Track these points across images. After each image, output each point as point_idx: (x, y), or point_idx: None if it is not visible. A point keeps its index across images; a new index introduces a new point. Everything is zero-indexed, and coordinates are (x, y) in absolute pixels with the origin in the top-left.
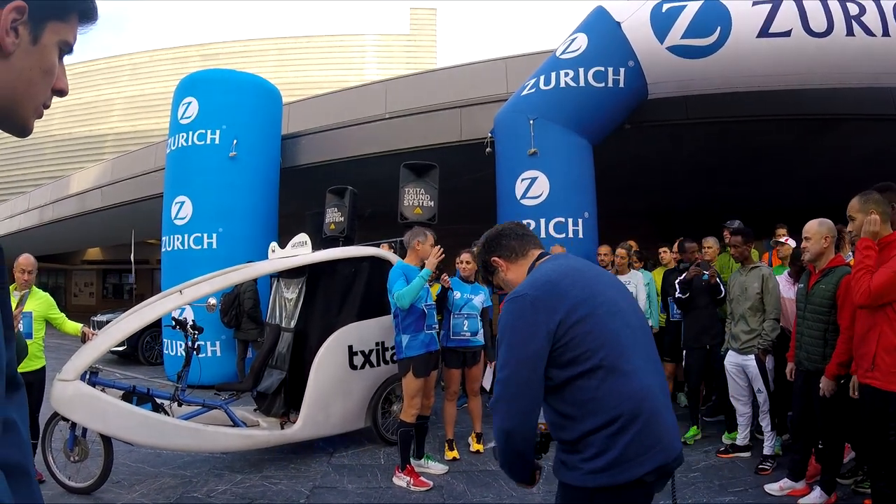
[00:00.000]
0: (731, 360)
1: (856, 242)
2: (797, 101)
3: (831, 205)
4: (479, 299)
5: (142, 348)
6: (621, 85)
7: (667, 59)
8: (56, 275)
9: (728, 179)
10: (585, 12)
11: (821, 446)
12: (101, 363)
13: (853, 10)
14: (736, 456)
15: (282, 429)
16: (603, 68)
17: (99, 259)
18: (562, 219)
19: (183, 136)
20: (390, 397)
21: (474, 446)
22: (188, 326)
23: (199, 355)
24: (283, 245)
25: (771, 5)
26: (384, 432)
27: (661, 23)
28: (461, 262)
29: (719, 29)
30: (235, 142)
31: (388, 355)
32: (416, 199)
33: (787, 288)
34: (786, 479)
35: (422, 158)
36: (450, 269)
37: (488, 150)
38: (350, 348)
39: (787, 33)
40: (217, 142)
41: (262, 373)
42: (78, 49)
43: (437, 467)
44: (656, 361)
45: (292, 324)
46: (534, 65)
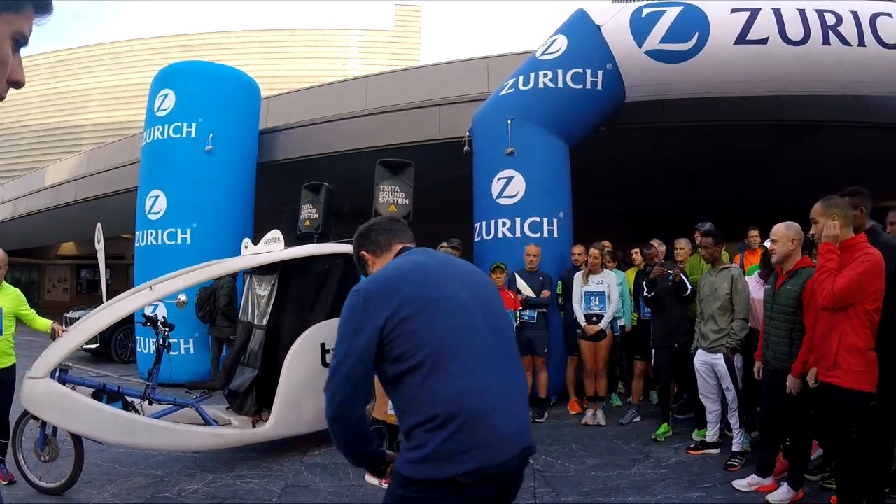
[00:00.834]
0: (701, 358)
1: (818, 245)
2: (774, 107)
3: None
4: None
5: (115, 346)
6: (599, 87)
7: (645, 63)
8: (29, 270)
9: (704, 183)
10: (569, 14)
11: (788, 443)
12: (74, 361)
13: (830, 19)
14: (705, 452)
15: (254, 427)
16: (581, 70)
17: (73, 254)
18: (537, 218)
19: (159, 129)
20: None
21: None
22: (159, 323)
23: (171, 353)
24: (258, 241)
25: (749, 13)
26: None
27: (641, 27)
28: None
29: (697, 35)
30: (212, 135)
31: None
32: (391, 197)
33: (757, 289)
34: (754, 476)
35: (400, 155)
36: None
37: (466, 148)
38: (322, 346)
39: (765, 41)
40: (193, 135)
41: (233, 371)
42: (59, 37)
43: None
44: (506, 363)
45: (264, 321)
46: (515, 65)
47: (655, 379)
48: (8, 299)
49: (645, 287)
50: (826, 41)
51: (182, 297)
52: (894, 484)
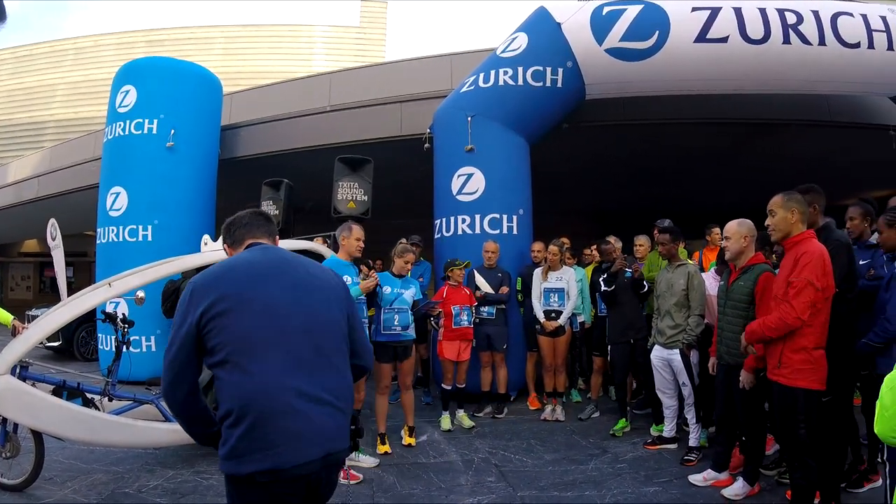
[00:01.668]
0: (657, 354)
1: (773, 235)
2: (734, 105)
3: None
4: (410, 293)
5: (77, 343)
6: (559, 85)
7: (605, 60)
8: None
9: (665, 181)
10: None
11: (744, 439)
12: (37, 359)
13: (791, 18)
14: (663, 447)
15: None
16: (542, 68)
17: (37, 251)
18: (497, 215)
19: (120, 125)
20: None
21: (406, 440)
22: (118, 320)
23: (131, 350)
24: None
25: (710, 11)
26: None
27: (601, 25)
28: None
29: (658, 33)
30: (173, 132)
31: None
32: (349, 194)
33: (713, 285)
34: (709, 470)
35: (362, 152)
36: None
37: (426, 145)
38: None
39: (725, 39)
40: (154, 131)
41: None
42: (21, 31)
43: (367, 460)
44: (321, 368)
45: None
46: (478, 62)
47: (613, 375)
48: None
49: (603, 282)
50: (787, 40)
51: (140, 294)
52: (849, 477)
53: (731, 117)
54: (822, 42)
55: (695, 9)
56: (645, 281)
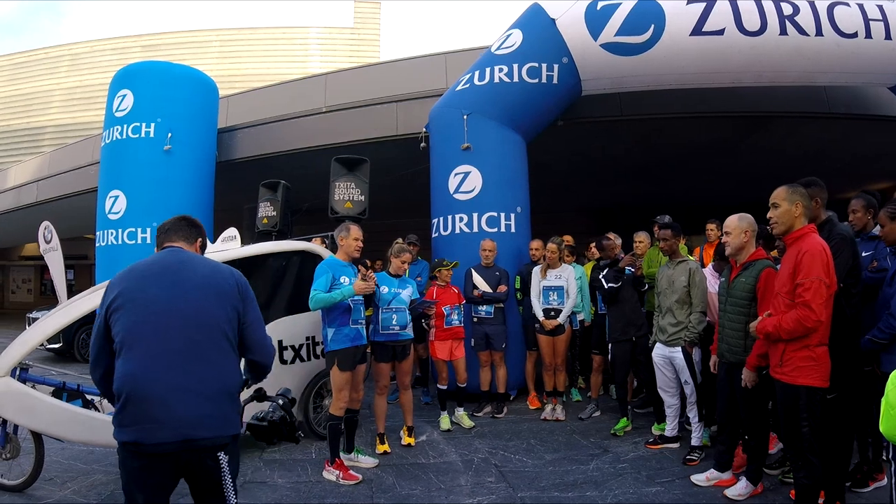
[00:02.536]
0: (659, 352)
1: (774, 229)
2: (731, 98)
3: (764, 201)
4: (407, 293)
5: (77, 345)
6: (555, 81)
7: (601, 56)
8: None
9: (662, 176)
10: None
11: (746, 438)
12: (37, 361)
13: (787, 9)
14: (664, 447)
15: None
16: (537, 64)
17: (37, 255)
18: (494, 213)
19: (118, 130)
20: (322, 392)
21: (406, 440)
22: None
23: None
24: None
25: (705, 4)
26: (316, 427)
27: (596, 20)
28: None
29: (653, 27)
30: (170, 135)
31: (318, 350)
32: (346, 194)
33: (712, 282)
34: (712, 470)
35: (358, 152)
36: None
37: (423, 144)
38: (280, 343)
39: (721, 32)
40: (152, 135)
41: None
42: (16, 37)
43: (367, 461)
44: (193, 360)
45: None
46: (473, 60)
47: (613, 373)
48: None
49: (606, 279)
50: (783, 31)
51: None
52: (854, 477)
53: (729, 111)
54: (819, 33)
55: (690, 1)
56: (645, 278)
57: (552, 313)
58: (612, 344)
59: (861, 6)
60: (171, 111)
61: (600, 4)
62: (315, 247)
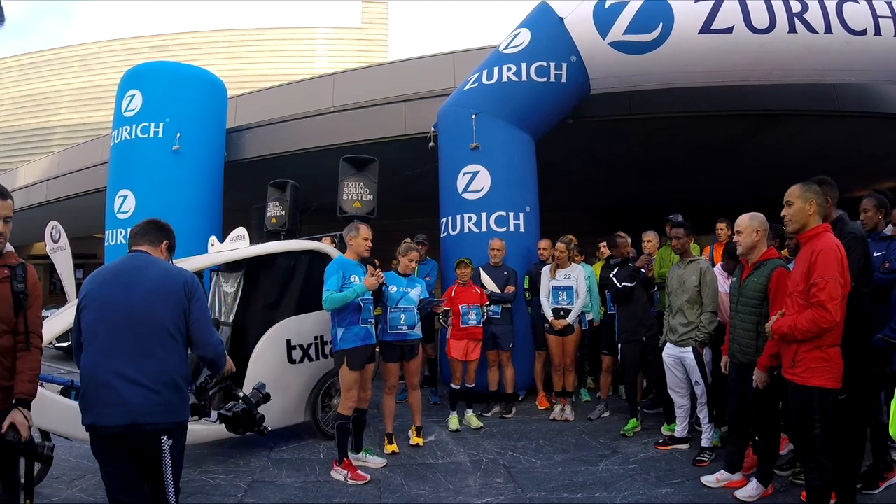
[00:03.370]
0: (669, 352)
1: (787, 227)
2: (740, 97)
3: (772, 200)
4: (416, 292)
5: None
6: (563, 80)
7: (609, 54)
8: None
9: (670, 175)
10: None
11: (757, 439)
12: (47, 359)
13: (796, 7)
14: (674, 448)
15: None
16: (545, 63)
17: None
18: (503, 213)
19: (126, 129)
20: (330, 391)
21: (414, 440)
22: None
23: None
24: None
25: (713, 2)
26: (324, 426)
27: (604, 18)
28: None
29: (661, 25)
30: (179, 135)
31: (326, 349)
32: (355, 193)
33: (722, 282)
34: (722, 471)
35: (367, 152)
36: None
37: (431, 144)
38: (288, 342)
39: (730, 30)
40: (160, 135)
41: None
42: (24, 39)
43: (375, 461)
44: (139, 353)
45: (230, 318)
46: (481, 59)
47: (623, 374)
48: None
49: (618, 278)
50: (792, 29)
51: None
52: (865, 479)
53: (738, 109)
54: (828, 30)
55: None
56: (655, 279)
57: (561, 313)
58: (621, 344)
59: (870, 3)
60: (180, 111)
61: (608, 3)
62: (324, 246)
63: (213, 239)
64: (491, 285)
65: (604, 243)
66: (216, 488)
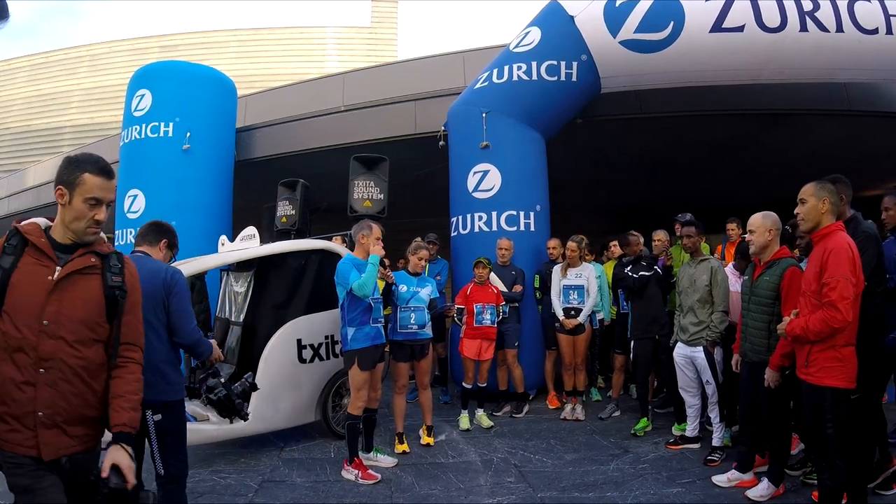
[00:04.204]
0: (680, 351)
1: (800, 225)
2: (750, 96)
3: (782, 199)
4: (426, 292)
5: None
6: (574, 79)
7: (620, 53)
8: None
9: (680, 174)
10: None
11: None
12: None
13: (807, 5)
14: (685, 447)
15: (231, 423)
16: (556, 62)
17: None
18: (513, 212)
19: (136, 129)
20: (340, 391)
21: (425, 439)
22: None
23: None
24: (236, 239)
25: (724, 1)
26: (335, 426)
27: (615, 17)
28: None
29: (672, 23)
30: (189, 134)
31: (337, 349)
32: (365, 192)
33: (733, 281)
34: (733, 471)
35: (377, 151)
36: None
37: (441, 143)
38: (299, 342)
39: (741, 28)
40: (170, 134)
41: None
42: (32, 40)
43: (386, 460)
44: None
45: (241, 317)
46: (491, 58)
47: (634, 373)
48: None
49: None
50: (803, 28)
51: None
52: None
53: (748, 108)
54: (839, 29)
55: None
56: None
57: (572, 312)
58: (634, 342)
59: (882, 2)
60: (190, 111)
61: (619, 1)
62: (334, 245)
63: (223, 238)
64: (498, 284)
65: (614, 242)
66: (227, 488)
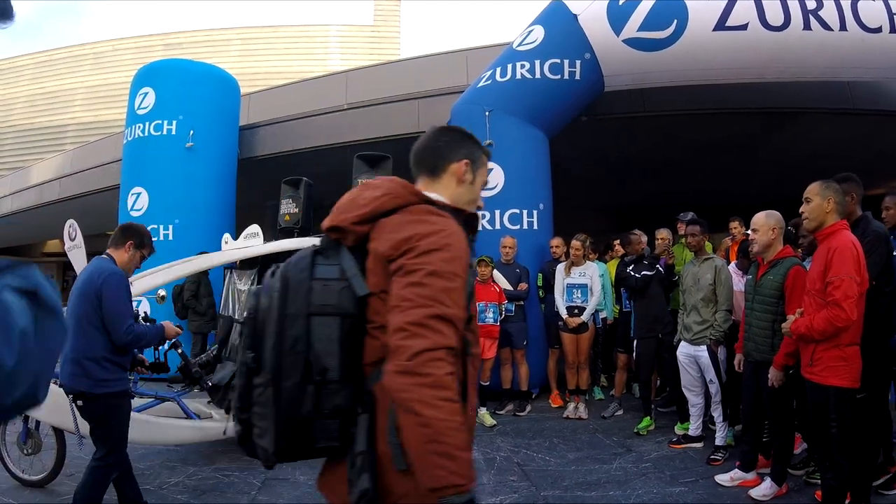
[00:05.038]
0: (684, 350)
1: (804, 225)
2: (754, 94)
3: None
4: None
5: None
6: (577, 77)
7: (623, 51)
8: None
9: (684, 173)
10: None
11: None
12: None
13: (810, 4)
14: (688, 446)
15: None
16: (559, 60)
17: (59, 252)
18: (516, 210)
19: (139, 127)
20: None
21: None
22: (139, 318)
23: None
24: (239, 237)
25: None
26: None
27: (618, 15)
28: None
29: (676, 22)
30: (192, 132)
31: None
32: None
33: (736, 280)
34: (736, 470)
35: (380, 149)
36: None
37: None
38: None
39: (744, 27)
40: (174, 132)
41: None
42: (35, 38)
43: None
44: (70, 338)
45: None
46: (494, 57)
47: (637, 372)
48: None
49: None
50: (807, 26)
51: (161, 293)
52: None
53: (752, 107)
54: (843, 27)
55: None
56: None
57: (576, 311)
58: (637, 340)
59: (886, 0)
60: (193, 109)
61: (622, 0)
62: None
63: (226, 236)
64: (503, 282)
65: (617, 241)
66: (230, 486)
